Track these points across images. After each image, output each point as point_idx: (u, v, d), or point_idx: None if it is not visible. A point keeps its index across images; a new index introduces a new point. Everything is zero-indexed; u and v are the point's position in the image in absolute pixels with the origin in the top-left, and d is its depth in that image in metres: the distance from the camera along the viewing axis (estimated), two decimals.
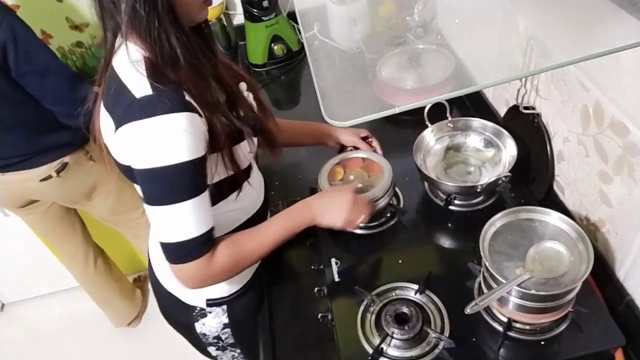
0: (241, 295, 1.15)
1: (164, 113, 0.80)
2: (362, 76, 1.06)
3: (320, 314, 1.09)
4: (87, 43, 2.08)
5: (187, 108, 0.83)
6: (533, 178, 1.25)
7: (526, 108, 1.22)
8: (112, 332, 2.35)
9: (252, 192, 1.11)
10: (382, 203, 1.19)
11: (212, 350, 1.24)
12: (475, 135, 1.32)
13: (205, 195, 0.89)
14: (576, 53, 0.77)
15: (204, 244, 0.90)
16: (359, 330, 1.01)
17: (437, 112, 1.32)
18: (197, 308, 1.14)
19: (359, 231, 1.24)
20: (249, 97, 1.06)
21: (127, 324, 2.33)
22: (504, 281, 0.91)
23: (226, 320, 1.16)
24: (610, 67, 0.92)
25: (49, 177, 1.63)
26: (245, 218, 1.11)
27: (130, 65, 0.84)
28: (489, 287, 0.96)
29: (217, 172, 0.94)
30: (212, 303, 1.13)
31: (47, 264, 2.24)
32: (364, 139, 1.33)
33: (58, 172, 1.63)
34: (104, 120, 0.91)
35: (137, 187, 0.95)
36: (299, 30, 2.00)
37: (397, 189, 1.30)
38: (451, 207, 1.24)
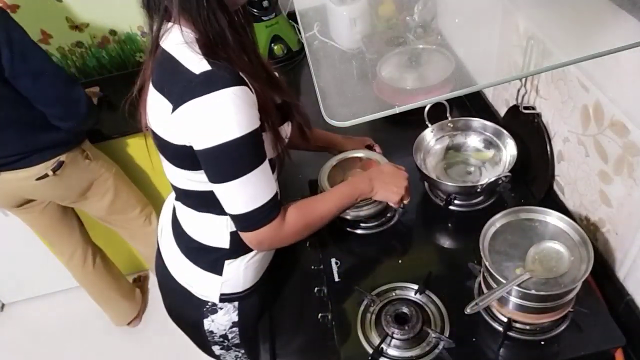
0: (253, 293, 1.14)
1: (224, 87, 0.82)
2: (362, 76, 1.06)
3: (320, 314, 1.09)
4: (87, 43, 2.08)
5: (243, 81, 0.85)
6: (533, 178, 1.25)
7: (526, 108, 1.22)
8: (112, 332, 2.35)
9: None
10: (381, 203, 1.19)
11: (216, 349, 1.24)
12: (475, 135, 1.32)
13: (267, 162, 0.91)
14: (576, 53, 0.77)
15: (274, 207, 0.93)
16: (359, 330, 1.01)
17: (437, 112, 1.32)
18: (209, 303, 1.12)
19: (359, 231, 1.24)
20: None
21: (127, 323, 2.33)
22: (504, 281, 0.91)
23: (236, 319, 1.15)
24: (610, 67, 0.92)
25: (45, 175, 1.63)
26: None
27: (183, 46, 0.86)
28: (489, 287, 0.96)
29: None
30: (225, 298, 1.11)
31: (47, 264, 2.23)
32: (368, 147, 1.34)
33: (54, 170, 1.63)
34: (155, 103, 0.92)
35: (180, 174, 0.98)
36: (299, 30, 2.00)
37: None
38: (451, 207, 1.24)
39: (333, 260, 1.16)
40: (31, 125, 1.55)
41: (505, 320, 0.97)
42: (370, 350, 0.98)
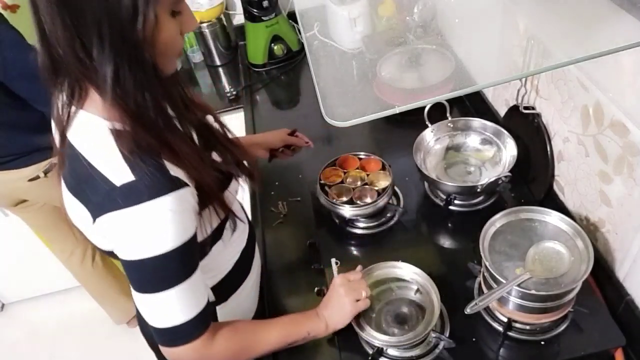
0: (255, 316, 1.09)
1: (150, 199, 0.71)
2: (362, 76, 1.06)
3: None
4: None
5: (174, 186, 0.73)
6: (533, 178, 1.25)
7: (526, 108, 1.22)
8: (112, 332, 2.35)
9: (241, 225, 1.02)
10: (381, 203, 1.19)
11: None
12: (475, 135, 1.32)
13: (197, 274, 0.81)
14: (576, 53, 0.77)
15: (199, 325, 0.82)
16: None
17: (437, 112, 1.32)
18: None
19: (359, 231, 1.24)
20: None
21: (128, 321, 2.33)
22: (504, 281, 0.91)
23: None
24: (610, 67, 0.92)
25: (37, 177, 1.63)
26: (238, 254, 1.02)
27: (96, 142, 0.75)
28: (489, 287, 0.96)
29: (210, 224, 0.86)
30: None
31: (47, 264, 2.23)
32: (291, 135, 1.33)
33: (46, 172, 1.63)
34: (72, 204, 0.81)
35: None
36: (299, 30, 2.00)
37: (397, 188, 1.30)
38: (451, 207, 1.24)
39: (333, 260, 1.16)
40: (24, 128, 1.56)
41: (505, 320, 0.97)
42: (370, 350, 0.98)
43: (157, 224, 0.73)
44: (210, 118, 0.92)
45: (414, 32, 1.23)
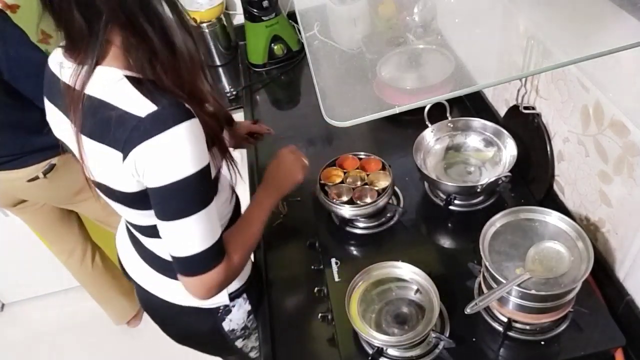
0: (254, 277, 1.15)
1: (175, 124, 0.77)
2: (362, 76, 1.06)
3: (320, 314, 1.09)
4: None
5: (190, 114, 0.80)
6: (533, 178, 1.25)
7: (526, 108, 1.22)
8: (112, 332, 2.35)
9: (227, 189, 1.11)
10: (381, 203, 1.19)
11: (238, 343, 1.21)
12: (475, 135, 1.32)
13: (214, 205, 0.88)
14: (576, 53, 0.77)
15: (221, 249, 0.89)
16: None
17: (437, 112, 1.32)
18: (221, 307, 1.11)
19: (359, 231, 1.24)
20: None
21: (127, 321, 2.33)
22: (504, 281, 0.91)
23: (249, 307, 1.15)
24: (610, 67, 0.92)
25: (36, 177, 1.63)
26: (231, 208, 1.11)
27: (114, 86, 0.80)
28: (489, 287, 0.96)
29: (215, 167, 0.93)
30: (234, 295, 1.11)
31: (47, 264, 2.24)
32: (253, 124, 1.38)
33: (45, 173, 1.63)
34: (97, 154, 0.85)
35: (130, 212, 0.95)
36: (299, 30, 2.00)
37: (397, 188, 1.30)
38: (451, 207, 1.24)
39: (333, 260, 1.16)
40: (24, 128, 1.56)
41: (505, 320, 0.97)
42: (370, 351, 0.98)
43: (183, 147, 0.79)
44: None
45: (414, 32, 1.23)
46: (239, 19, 2.13)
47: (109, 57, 0.81)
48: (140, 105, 0.78)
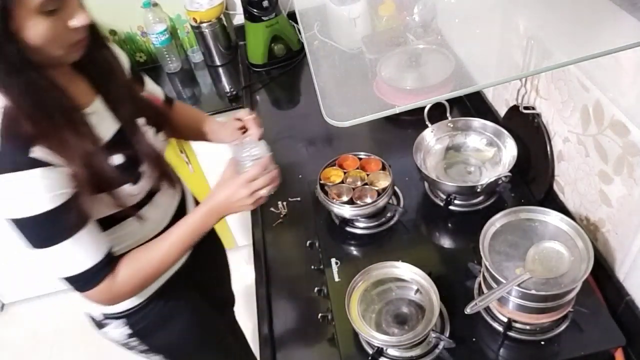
0: (140, 310, 1.11)
1: (12, 171, 0.77)
2: (362, 76, 1.06)
3: (320, 314, 1.09)
4: None
5: (33, 165, 0.78)
6: (533, 178, 1.25)
7: (526, 108, 1.22)
8: None
9: (155, 215, 1.05)
10: (381, 203, 1.19)
11: (135, 352, 1.22)
12: (475, 135, 1.32)
13: (90, 227, 0.86)
14: (576, 53, 0.77)
15: (102, 270, 0.89)
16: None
17: (437, 112, 1.32)
18: (96, 318, 1.13)
19: (359, 231, 1.24)
20: (149, 131, 1.01)
21: None
22: (504, 281, 0.91)
23: (129, 331, 1.13)
24: (610, 67, 0.92)
25: None
26: (149, 237, 1.02)
27: None
28: (489, 287, 0.96)
29: (100, 210, 0.91)
30: (109, 316, 1.10)
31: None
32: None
33: None
34: None
35: None
36: (299, 30, 2.01)
37: (397, 188, 1.30)
38: (451, 207, 1.24)
39: (333, 260, 1.16)
40: None
41: (505, 320, 0.97)
42: (370, 351, 0.98)
43: (26, 191, 0.79)
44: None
45: (414, 32, 1.23)
46: (239, 19, 2.14)
47: None
48: None
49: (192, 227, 0.97)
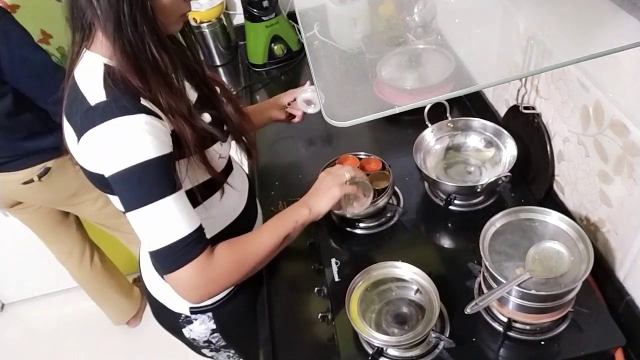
0: (227, 302, 1.13)
1: (121, 115, 0.79)
2: (362, 76, 1.06)
3: (320, 314, 1.09)
4: None
5: (144, 110, 0.81)
6: (533, 178, 1.25)
7: (526, 108, 1.22)
8: (112, 332, 2.35)
9: (234, 194, 1.08)
10: (381, 203, 1.19)
11: (206, 352, 1.25)
12: (475, 135, 1.32)
13: (183, 194, 0.85)
14: (576, 53, 0.77)
15: (197, 242, 0.84)
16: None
17: (437, 112, 1.32)
18: (182, 315, 1.13)
19: (359, 231, 1.24)
20: (227, 105, 1.05)
21: (127, 321, 2.33)
22: (504, 281, 0.91)
23: (213, 326, 1.15)
24: (610, 67, 0.92)
25: (31, 180, 1.63)
26: (230, 220, 1.08)
27: (90, 71, 0.83)
28: (489, 287, 0.96)
29: (189, 177, 0.91)
30: (196, 311, 1.11)
31: (47, 264, 2.24)
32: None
33: (40, 176, 1.64)
34: (67, 130, 0.90)
35: (115, 199, 0.93)
36: (299, 30, 2.00)
37: (397, 188, 1.30)
38: (451, 207, 1.24)
39: (333, 260, 1.16)
40: (18, 132, 1.56)
41: (505, 320, 0.97)
42: (370, 350, 0.98)
43: (130, 136, 0.79)
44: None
45: (414, 32, 1.23)
46: (239, 19, 2.13)
47: (98, 44, 0.84)
48: (96, 93, 0.81)
49: (284, 216, 0.98)
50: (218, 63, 2.13)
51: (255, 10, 1.88)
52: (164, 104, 0.84)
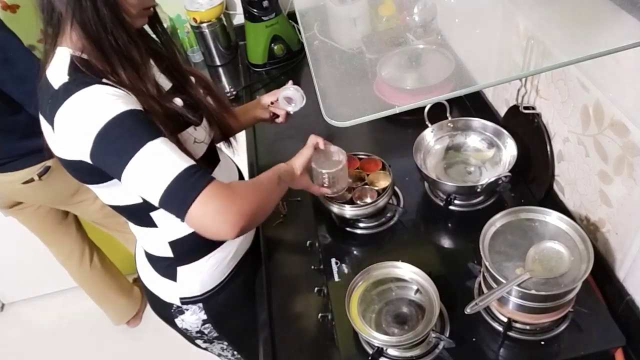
0: (217, 293, 1.15)
1: (85, 86, 0.80)
2: (362, 76, 1.06)
3: (320, 314, 1.09)
4: None
5: (105, 85, 0.83)
6: (533, 178, 1.25)
7: (526, 108, 1.22)
8: (112, 332, 2.35)
9: None
10: (381, 203, 1.19)
11: (199, 342, 1.26)
12: (475, 135, 1.32)
13: (167, 139, 0.83)
14: (576, 53, 0.77)
15: (203, 173, 0.81)
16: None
17: (437, 112, 1.32)
18: (174, 305, 1.14)
19: (359, 231, 1.24)
20: (205, 94, 1.09)
21: (127, 321, 2.33)
22: (504, 281, 0.91)
23: (205, 317, 1.16)
24: (610, 67, 0.92)
25: (31, 180, 1.63)
26: None
27: (59, 64, 0.85)
28: (489, 287, 0.96)
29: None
30: (187, 301, 1.13)
31: (47, 264, 2.24)
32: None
33: (40, 175, 1.64)
34: (45, 128, 0.89)
35: (103, 193, 0.95)
36: (299, 30, 2.00)
37: (397, 188, 1.30)
38: (451, 207, 1.24)
39: (333, 260, 1.16)
40: (18, 131, 1.56)
41: (505, 320, 0.97)
42: (370, 350, 0.98)
43: (97, 99, 0.80)
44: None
45: (414, 32, 1.23)
46: (239, 19, 2.13)
47: (67, 38, 0.86)
48: (59, 78, 0.83)
49: (279, 171, 1.01)
50: (218, 63, 2.13)
51: (255, 10, 1.88)
52: (130, 85, 0.85)
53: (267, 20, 1.90)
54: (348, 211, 1.20)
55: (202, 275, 1.11)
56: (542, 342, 0.96)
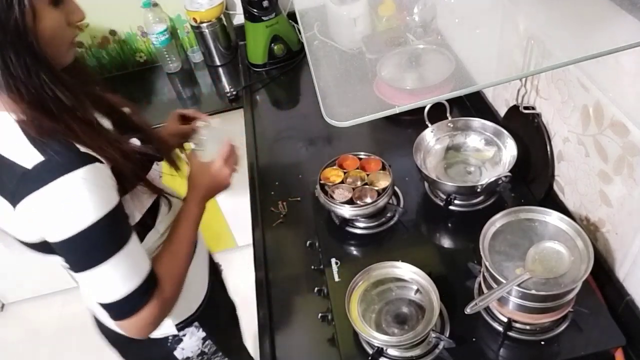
0: (207, 306, 1.14)
1: (62, 174, 0.73)
2: (362, 76, 1.06)
3: (320, 314, 1.09)
4: (87, 43, 2.08)
5: (85, 160, 0.76)
6: (533, 178, 1.25)
7: (526, 108, 1.22)
8: None
9: (179, 201, 1.07)
10: (381, 203, 1.19)
11: None
12: (475, 135, 1.32)
13: (135, 238, 0.84)
14: (576, 53, 0.77)
15: (152, 283, 0.85)
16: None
17: (437, 112, 1.32)
18: (169, 337, 1.11)
19: (359, 231, 1.24)
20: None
21: None
22: (504, 281, 0.91)
23: (203, 334, 1.15)
24: (610, 67, 0.92)
25: None
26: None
27: (5, 134, 0.76)
28: (489, 287, 0.96)
29: (137, 208, 0.90)
30: (182, 325, 1.11)
31: (47, 264, 2.23)
32: (186, 118, 1.25)
33: None
34: None
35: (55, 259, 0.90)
36: (299, 30, 2.01)
37: (397, 188, 1.30)
38: (451, 207, 1.24)
39: (333, 260, 1.16)
40: None
41: (505, 320, 0.97)
42: (370, 351, 0.98)
43: (76, 197, 0.75)
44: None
45: (414, 32, 1.23)
46: (239, 19, 2.14)
47: (4, 101, 0.76)
48: (28, 155, 0.74)
49: (193, 215, 1.01)
50: (218, 63, 2.13)
51: (255, 10, 1.88)
52: (87, 140, 0.78)
53: (267, 20, 1.90)
54: (348, 211, 1.20)
55: (188, 294, 1.07)
56: (542, 342, 0.96)
